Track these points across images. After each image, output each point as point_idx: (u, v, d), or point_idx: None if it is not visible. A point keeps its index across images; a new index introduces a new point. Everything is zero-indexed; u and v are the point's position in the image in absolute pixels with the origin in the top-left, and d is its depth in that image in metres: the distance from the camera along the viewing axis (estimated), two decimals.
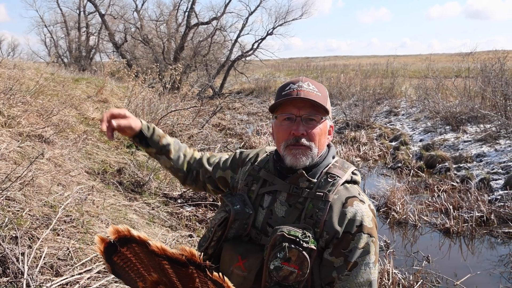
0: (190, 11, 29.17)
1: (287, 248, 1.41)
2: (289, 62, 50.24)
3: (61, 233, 3.65)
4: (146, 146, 1.88)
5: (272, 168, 1.66)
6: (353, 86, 20.57)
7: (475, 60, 14.10)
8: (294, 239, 1.42)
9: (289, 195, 1.58)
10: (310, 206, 1.52)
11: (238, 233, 1.60)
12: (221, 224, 1.59)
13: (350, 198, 1.53)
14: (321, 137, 1.58)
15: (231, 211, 1.58)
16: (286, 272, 1.41)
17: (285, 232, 1.44)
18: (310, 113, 1.56)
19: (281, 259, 1.42)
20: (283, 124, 1.58)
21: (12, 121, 6.06)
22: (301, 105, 1.55)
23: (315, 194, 1.53)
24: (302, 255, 1.41)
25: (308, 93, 1.55)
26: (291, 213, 1.55)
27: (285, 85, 1.61)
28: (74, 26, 34.70)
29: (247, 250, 1.55)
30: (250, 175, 1.72)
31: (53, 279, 3.02)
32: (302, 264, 1.41)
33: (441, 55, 39.38)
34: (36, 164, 4.72)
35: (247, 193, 1.68)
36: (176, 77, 13.06)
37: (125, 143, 7.95)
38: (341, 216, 1.50)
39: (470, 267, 5.23)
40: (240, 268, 1.52)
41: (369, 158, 11.02)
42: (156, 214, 5.35)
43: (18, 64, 11.52)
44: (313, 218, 1.50)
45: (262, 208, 1.62)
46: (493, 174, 8.17)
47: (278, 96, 1.59)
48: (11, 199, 3.77)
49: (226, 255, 1.58)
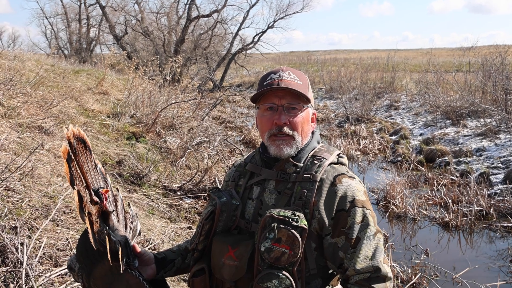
0: (191, 3, 29.05)
1: (277, 228, 1.41)
2: (290, 55, 50.13)
3: (60, 224, 3.66)
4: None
5: (259, 159, 1.66)
6: (353, 80, 20.54)
7: (476, 55, 14.06)
8: (283, 219, 1.42)
9: (278, 182, 1.58)
10: (299, 188, 1.53)
11: (226, 225, 1.60)
12: (208, 217, 1.59)
13: (339, 175, 1.54)
14: (304, 125, 1.59)
15: (217, 204, 1.58)
16: (278, 253, 1.41)
17: (274, 213, 1.44)
18: (292, 102, 1.56)
19: (271, 240, 1.41)
20: (265, 114, 1.59)
21: (12, 112, 6.05)
22: (282, 94, 1.56)
23: (303, 177, 1.54)
24: (292, 234, 1.40)
25: (289, 82, 1.55)
26: (281, 199, 1.55)
27: (266, 75, 1.62)
28: (74, 18, 34.54)
29: (237, 239, 1.55)
30: (237, 171, 1.73)
31: (52, 269, 3.03)
32: (293, 243, 1.40)
33: (442, 49, 39.29)
34: (35, 155, 4.73)
35: (235, 188, 1.69)
36: (176, 70, 13.03)
37: (125, 135, 7.95)
38: (331, 195, 1.50)
39: (468, 260, 5.24)
40: (231, 257, 1.51)
41: (369, 152, 11.02)
42: (156, 206, 5.36)
43: (19, 55, 11.49)
44: (301, 199, 1.50)
45: (252, 200, 1.62)
46: (492, 168, 8.17)
47: (260, 87, 1.60)
48: (10, 189, 3.78)
49: (216, 247, 1.57)
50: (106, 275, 1.53)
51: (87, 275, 1.55)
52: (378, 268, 1.46)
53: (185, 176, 6.91)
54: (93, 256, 1.53)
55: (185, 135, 8.64)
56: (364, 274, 1.45)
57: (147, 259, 1.69)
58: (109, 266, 1.50)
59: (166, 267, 1.75)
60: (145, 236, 4.21)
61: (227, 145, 9.27)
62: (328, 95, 21.36)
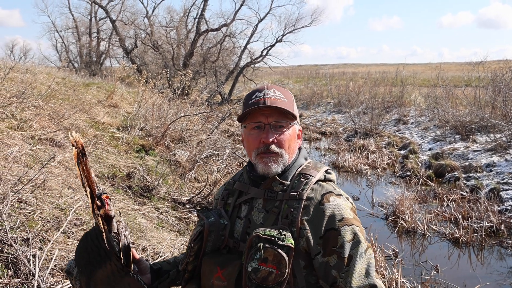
0: (200, 17, 29.32)
1: (263, 248, 1.40)
2: (298, 69, 50.25)
3: (71, 236, 3.68)
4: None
5: (247, 178, 1.67)
6: (362, 94, 20.55)
7: (485, 69, 14.03)
8: (269, 239, 1.41)
9: (265, 200, 1.58)
10: (286, 207, 1.53)
11: (215, 245, 1.60)
12: (197, 238, 1.59)
13: (326, 194, 1.54)
14: (291, 143, 1.60)
15: (205, 224, 1.58)
16: (264, 273, 1.40)
17: (260, 233, 1.43)
18: (278, 119, 1.58)
19: (258, 260, 1.41)
20: (252, 133, 1.60)
21: (24, 125, 6.13)
22: (268, 112, 1.57)
23: (289, 195, 1.54)
24: (278, 253, 1.39)
25: (274, 100, 1.57)
26: (269, 218, 1.55)
27: (251, 94, 1.63)
28: (85, 32, 35.01)
29: (226, 259, 1.55)
30: (226, 190, 1.74)
31: (64, 281, 3.04)
32: (280, 263, 1.40)
33: (451, 64, 39.24)
34: (47, 167, 4.77)
35: (224, 207, 1.69)
36: (186, 83, 13.12)
37: (135, 147, 8.00)
38: (319, 214, 1.50)
39: (479, 277, 5.19)
40: (219, 278, 1.51)
41: (378, 166, 10.98)
42: (165, 219, 5.38)
43: (31, 68, 11.65)
44: (288, 217, 1.50)
45: (240, 219, 1.62)
46: (503, 184, 8.11)
47: (245, 106, 1.60)
48: (23, 201, 3.81)
49: (206, 268, 1.57)
50: (107, 278, 1.54)
51: (88, 278, 1.56)
52: (374, 285, 1.45)
53: (194, 189, 6.93)
54: (94, 259, 1.54)
55: (194, 148, 8.67)
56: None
57: (143, 267, 1.71)
58: (110, 269, 1.52)
59: (161, 277, 1.75)
60: (154, 249, 4.21)
61: (236, 158, 9.29)
62: (337, 109, 21.38)
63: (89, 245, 1.54)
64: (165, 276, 1.76)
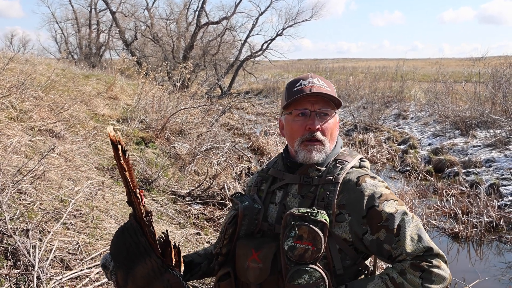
0: (201, 10, 29.22)
1: (297, 226, 1.42)
2: (298, 63, 50.21)
3: (71, 227, 3.67)
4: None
5: (282, 165, 1.68)
6: (362, 89, 20.51)
7: (486, 65, 14.01)
8: (302, 216, 1.43)
9: (300, 186, 1.59)
10: (321, 191, 1.54)
11: (249, 229, 1.61)
12: (231, 221, 1.60)
13: (361, 176, 1.56)
14: (333, 131, 1.63)
15: (239, 208, 1.60)
16: (301, 250, 1.42)
17: (294, 211, 1.45)
18: (324, 107, 1.59)
19: (293, 238, 1.43)
20: (297, 119, 1.60)
21: (24, 115, 6.10)
22: (314, 100, 1.58)
23: (325, 179, 1.55)
24: (312, 230, 1.41)
25: (320, 88, 1.58)
26: (304, 203, 1.55)
27: (295, 81, 1.63)
28: (85, 23, 34.88)
29: (261, 242, 1.56)
30: (259, 176, 1.74)
31: (63, 273, 3.04)
32: (315, 239, 1.41)
33: (451, 59, 39.17)
34: (47, 159, 4.75)
35: (257, 193, 1.70)
36: (186, 76, 13.09)
37: (134, 140, 7.98)
38: (358, 195, 1.51)
39: (478, 272, 5.19)
40: (255, 260, 1.53)
41: (377, 161, 10.98)
42: (165, 211, 5.37)
43: (30, 59, 11.60)
44: (324, 200, 1.52)
45: (275, 204, 1.63)
46: (502, 179, 8.11)
47: (289, 93, 1.61)
48: (22, 192, 3.80)
49: (240, 251, 1.58)
50: (148, 274, 1.55)
51: (125, 273, 1.56)
52: (430, 247, 1.46)
53: (193, 182, 6.92)
54: (134, 255, 1.55)
55: (194, 141, 8.65)
56: (418, 255, 1.45)
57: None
58: (151, 266, 1.53)
59: (193, 270, 1.77)
60: None
61: (236, 151, 9.28)
62: None
63: (127, 240, 1.55)
64: (197, 269, 1.78)
